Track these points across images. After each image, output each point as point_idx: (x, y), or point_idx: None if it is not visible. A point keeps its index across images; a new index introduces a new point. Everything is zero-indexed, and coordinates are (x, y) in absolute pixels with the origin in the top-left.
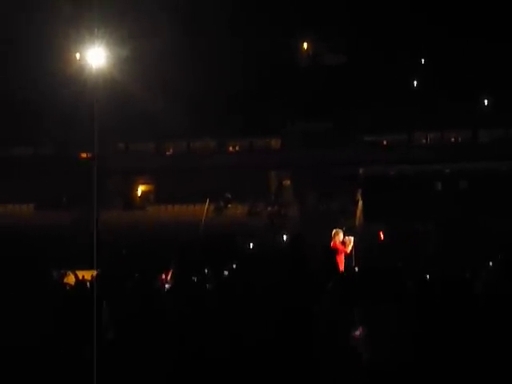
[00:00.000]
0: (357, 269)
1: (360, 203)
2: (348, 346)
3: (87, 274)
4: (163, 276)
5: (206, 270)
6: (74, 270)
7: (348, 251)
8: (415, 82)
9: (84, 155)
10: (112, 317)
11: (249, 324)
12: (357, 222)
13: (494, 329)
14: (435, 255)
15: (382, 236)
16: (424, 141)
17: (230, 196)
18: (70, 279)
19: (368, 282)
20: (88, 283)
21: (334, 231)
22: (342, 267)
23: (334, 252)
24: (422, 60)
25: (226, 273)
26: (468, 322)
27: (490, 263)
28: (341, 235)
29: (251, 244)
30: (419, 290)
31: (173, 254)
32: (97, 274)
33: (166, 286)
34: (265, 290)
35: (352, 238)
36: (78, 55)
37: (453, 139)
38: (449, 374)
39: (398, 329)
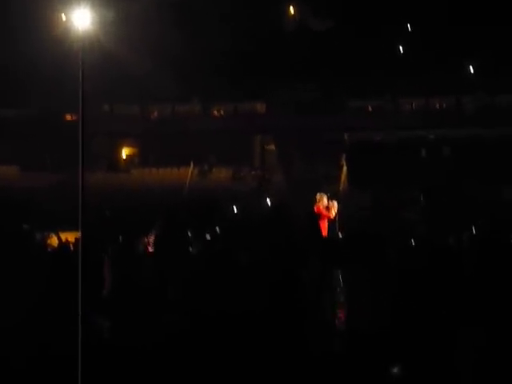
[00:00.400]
0: (340, 234)
1: (344, 169)
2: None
3: (70, 236)
4: (146, 239)
5: (190, 233)
6: (57, 231)
7: (332, 216)
8: (400, 48)
9: (68, 117)
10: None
11: (232, 289)
12: (341, 188)
13: (472, 294)
14: (420, 221)
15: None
16: (409, 106)
17: (214, 159)
18: (53, 241)
19: (351, 248)
20: (71, 245)
21: (319, 196)
22: (325, 232)
23: (318, 217)
24: (408, 26)
25: (208, 237)
26: (447, 288)
27: (473, 229)
28: (324, 200)
29: (235, 208)
30: (400, 256)
31: (157, 217)
32: (80, 237)
33: (150, 248)
34: (249, 257)
35: (336, 203)
36: (63, 16)
37: (437, 105)
38: (423, 338)
39: (375, 293)
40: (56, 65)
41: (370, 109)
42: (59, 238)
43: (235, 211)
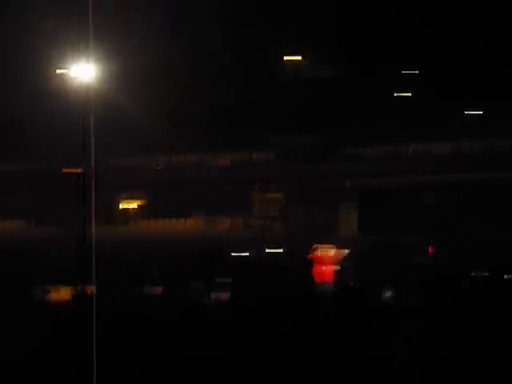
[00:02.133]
0: (352, 282)
1: (350, 216)
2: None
3: (68, 291)
4: (152, 289)
5: (195, 284)
6: (57, 286)
7: (334, 263)
8: (402, 94)
9: (71, 170)
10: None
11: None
12: (344, 235)
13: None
14: (431, 267)
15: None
16: (410, 152)
17: (216, 209)
18: (55, 295)
19: (360, 295)
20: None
21: (314, 246)
22: (329, 278)
23: (313, 264)
24: (409, 71)
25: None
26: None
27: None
28: (326, 249)
29: (239, 257)
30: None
31: (160, 268)
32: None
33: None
34: (262, 302)
35: (340, 251)
36: (64, 71)
37: (441, 150)
38: None
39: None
40: (59, 118)
41: (371, 155)
42: (60, 292)
43: (239, 260)
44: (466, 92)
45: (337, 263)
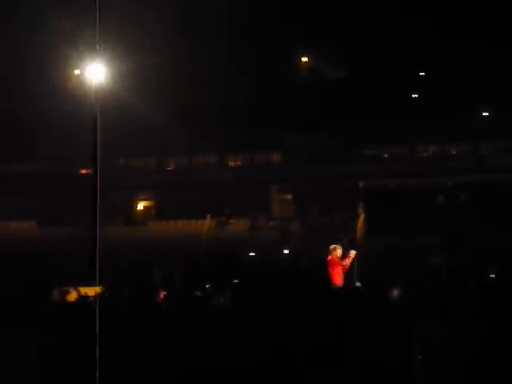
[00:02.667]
0: (358, 283)
1: (361, 217)
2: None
3: (90, 291)
4: (163, 292)
5: (208, 286)
6: (76, 286)
7: (345, 264)
8: (415, 95)
9: (84, 171)
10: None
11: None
12: (358, 236)
13: None
14: (445, 268)
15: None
16: (425, 154)
17: (228, 211)
18: (73, 296)
19: (371, 297)
20: (90, 300)
21: (332, 247)
22: (339, 281)
23: (328, 265)
24: (422, 72)
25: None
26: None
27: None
28: (338, 251)
29: (252, 259)
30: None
31: (175, 270)
32: (99, 292)
33: (165, 301)
34: (267, 305)
35: (353, 252)
36: (77, 71)
37: (454, 152)
38: None
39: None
40: (71, 119)
41: (385, 156)
42: (79, 293)
43: (253, 262)
44: (477, 93)
45: (352, 265)
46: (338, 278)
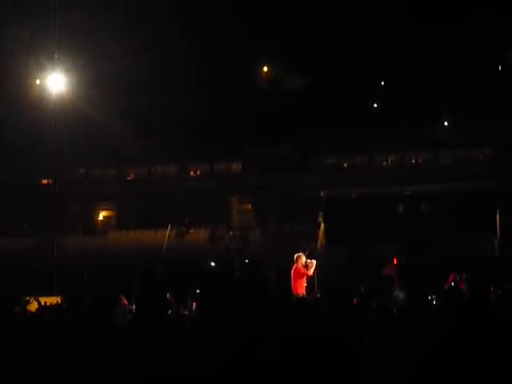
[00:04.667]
0: (318, 294)
1: (322, 226)
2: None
3: (50, 300)
4: (125, 302)
5: (168, 295)
6: (36, 296)
7: (310, 274)
8: (375, 104)
9: (44, 181)
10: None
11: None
12: (319, 245)
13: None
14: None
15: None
16: (385, 163)
17: (188, 221)
18: (33, 306)
19: (329, 308)
20: (50, 310)
21: (296, 255)
22: (302, 290)
23: (290, 275)
24: (382, 82)
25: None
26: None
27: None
28: (303, 258)
29: (213, 268)
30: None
31: (135, 279)
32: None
33: (128, 311)
34: (225, 317)
35: (314, 262)
36: (37, 81)
37: (413, 161)
38: None
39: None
40: (32, 128)
41: (345, 165)
42: (39, 303)
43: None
44: (439, 100)
45: (312, 274)
46: (300, 288)
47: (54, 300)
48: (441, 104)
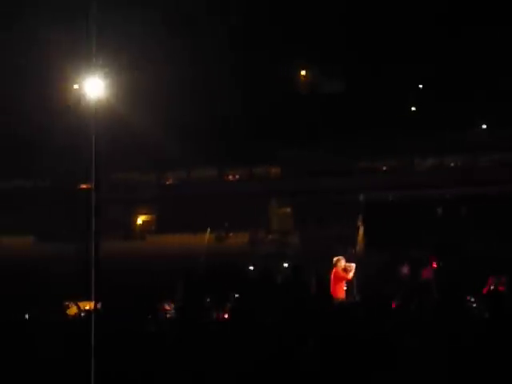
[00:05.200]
0: (357, 297)
1: (361, 230)
2: None
3: (90, 305)
4: (166, 306)
5: (209, 299)
6: (76, 301)
7: (349, 278)
8: (413, 108)
9: (84, 186)
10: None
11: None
12: (358, 249)
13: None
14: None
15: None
16: (423, 165)
17: (227, 225)
18: (72, 311)
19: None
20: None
21: (336, 258)
22: (342, 294)
23: (332, 278)
24: (420, 85)
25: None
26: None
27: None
28: (342, 262)
29: (252, 273)
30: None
31: (176, 284)
32: (96, 306)
33: (168, 315)
34: (267, 323)
35: (354, 265)
36: (75, 86)
37: (452, 164)
38: None
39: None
40: (70, 133)
41: (384, 169)
42: (78, 308)
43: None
44: (475, 104)
45: (351, 278)
46: (340, 292)
47: (92, 305)
48: (479, 107)
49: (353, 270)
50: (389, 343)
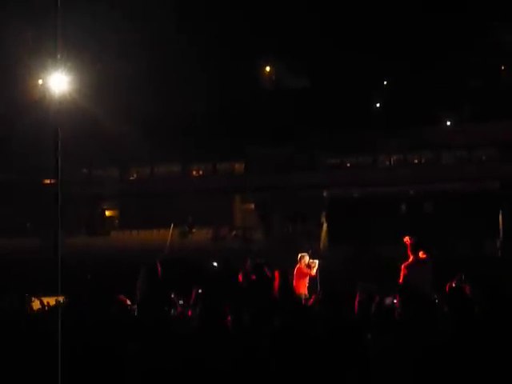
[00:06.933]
0: (320, 293)
1: (325, 226)
2: None
3: (52, 300)
4: (126, 301)
5: (172, 295)
6: (38, 295)
7: (313, 274)
8: (377, 104)
9: (47, 181)
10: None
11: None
12: (321, 245)
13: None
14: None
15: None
16: (387, 163)
17: (191, 220)
18: (36, 305)
19: (329, 308)
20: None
21: (300, 255)
22: (304, 290)
23: (295, 274)
24: (384, 82)
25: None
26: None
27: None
28: (306, 258)
29: (216, 268)
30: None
31: (137, 278)
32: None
33: (131, 309)
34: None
35: (317, 262)
36: (40, 81)
37: (416, 161)
38: None
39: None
40: (34, 129)
41: (348, 165)
42: (41, 302)
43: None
44: (442, 101)
45: (314, 274)
46: (303, 288)
47: (55, 299)
48: (443, 104)
49: (316, 266)
50: (349, 339)
